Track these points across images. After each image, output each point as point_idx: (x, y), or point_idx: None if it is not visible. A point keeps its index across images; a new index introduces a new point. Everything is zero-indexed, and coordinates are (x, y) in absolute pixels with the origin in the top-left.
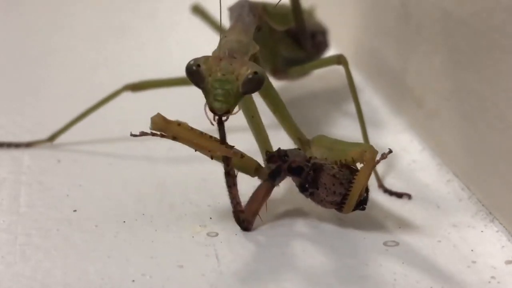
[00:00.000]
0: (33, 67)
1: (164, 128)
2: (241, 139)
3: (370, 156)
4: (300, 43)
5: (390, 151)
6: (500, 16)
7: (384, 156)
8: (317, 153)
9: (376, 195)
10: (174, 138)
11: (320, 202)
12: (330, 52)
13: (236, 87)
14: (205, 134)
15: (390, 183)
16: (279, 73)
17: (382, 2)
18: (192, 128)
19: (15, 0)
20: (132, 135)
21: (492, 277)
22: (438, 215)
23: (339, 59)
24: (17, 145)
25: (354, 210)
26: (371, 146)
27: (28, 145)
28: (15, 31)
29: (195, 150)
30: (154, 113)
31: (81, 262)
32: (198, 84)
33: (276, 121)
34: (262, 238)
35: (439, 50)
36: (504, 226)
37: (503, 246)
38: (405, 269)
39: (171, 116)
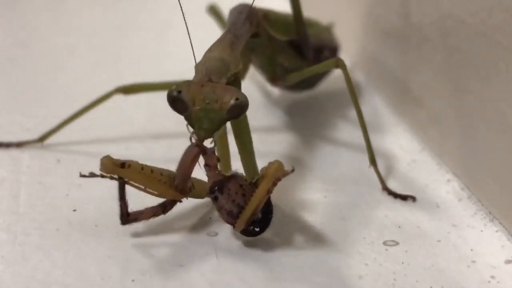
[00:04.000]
0: (33, 67)
1: (113, 171)
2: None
3: (272, 170)
4: (303, 54)
5: (293, 170)
6: (500, 16)
7: (286, 173)
8: None
9: (375, 195)
10: (122, 180)
11: (220, 209)
12: None
13: (220, 116)
14: (156, 172)
15: (390, 183)
16: (277, 81)
17: (383, 3)
18: (143, 168)
19: (15, 0)
20: (81, 175)
21: (492, 277)
22: (437, 215)
23: (337, 63)
24: (8, 145)
25: (247, 233)
26: (276, 162)
27: (19, 145)
28: (15, 31)
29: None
30: (154, 113)
31: (81, 262)
32: (181, 112)
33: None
34: (261, 238)
35: (439, 50)
36: (503, 226)
37: (502, 246)
38: (405, 269)
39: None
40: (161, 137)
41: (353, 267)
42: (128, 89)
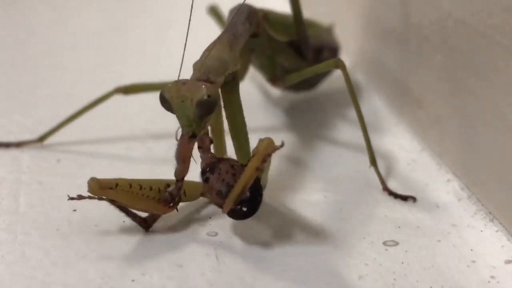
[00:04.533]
0: (33, 67)
1: (100, 193)
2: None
3: (262, 147)
4: (303, 55)
5: (282, 145)
6: (500, 16)
7: (276, 148)
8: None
9: (375, 195)
10: (112, 201)
11: (210, 190)
12: None
13: (192, 112)
14: (145, 186)
15: (390, 183)
16: (277, 81)
17: (383, 3)
18: (131, 185)
19: (15, 0)
20: (70, 198)
21: (492, 277)
22: (437, 215)
23: (337, 63)
24: (7, 145)
25: (234, 214)
26: (267, 139)
27: (19, 145)
28: (15, 31)
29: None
30: (154, 113)
31: (81, 262)
32: (170, 111)
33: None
34: (261, 238)
35: (439, 50)
36: (503, 226)
37: (502, 246)
38: (404, 269)
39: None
40: (161, 137)
41: (353, 267)
42: (128, 89)
